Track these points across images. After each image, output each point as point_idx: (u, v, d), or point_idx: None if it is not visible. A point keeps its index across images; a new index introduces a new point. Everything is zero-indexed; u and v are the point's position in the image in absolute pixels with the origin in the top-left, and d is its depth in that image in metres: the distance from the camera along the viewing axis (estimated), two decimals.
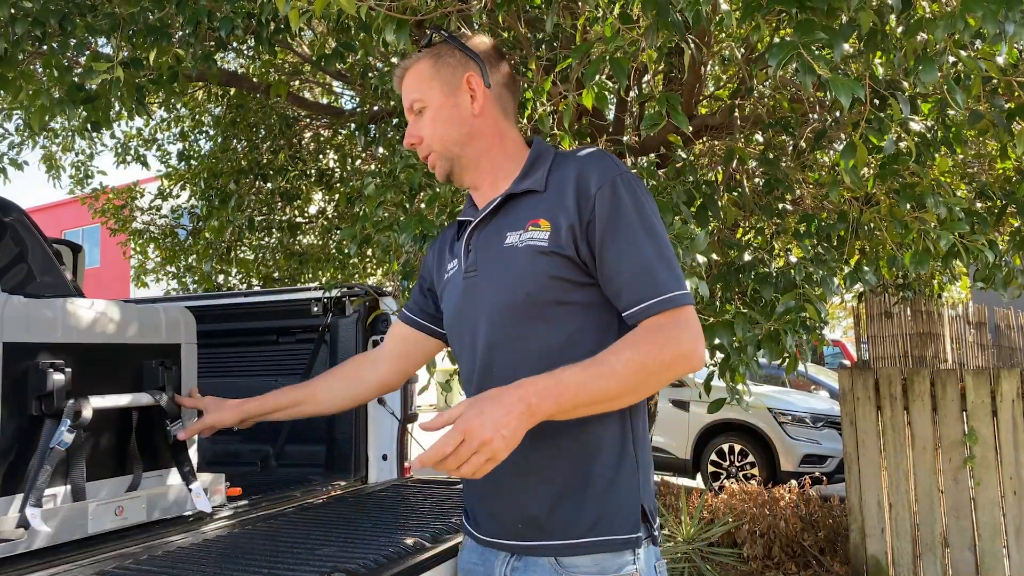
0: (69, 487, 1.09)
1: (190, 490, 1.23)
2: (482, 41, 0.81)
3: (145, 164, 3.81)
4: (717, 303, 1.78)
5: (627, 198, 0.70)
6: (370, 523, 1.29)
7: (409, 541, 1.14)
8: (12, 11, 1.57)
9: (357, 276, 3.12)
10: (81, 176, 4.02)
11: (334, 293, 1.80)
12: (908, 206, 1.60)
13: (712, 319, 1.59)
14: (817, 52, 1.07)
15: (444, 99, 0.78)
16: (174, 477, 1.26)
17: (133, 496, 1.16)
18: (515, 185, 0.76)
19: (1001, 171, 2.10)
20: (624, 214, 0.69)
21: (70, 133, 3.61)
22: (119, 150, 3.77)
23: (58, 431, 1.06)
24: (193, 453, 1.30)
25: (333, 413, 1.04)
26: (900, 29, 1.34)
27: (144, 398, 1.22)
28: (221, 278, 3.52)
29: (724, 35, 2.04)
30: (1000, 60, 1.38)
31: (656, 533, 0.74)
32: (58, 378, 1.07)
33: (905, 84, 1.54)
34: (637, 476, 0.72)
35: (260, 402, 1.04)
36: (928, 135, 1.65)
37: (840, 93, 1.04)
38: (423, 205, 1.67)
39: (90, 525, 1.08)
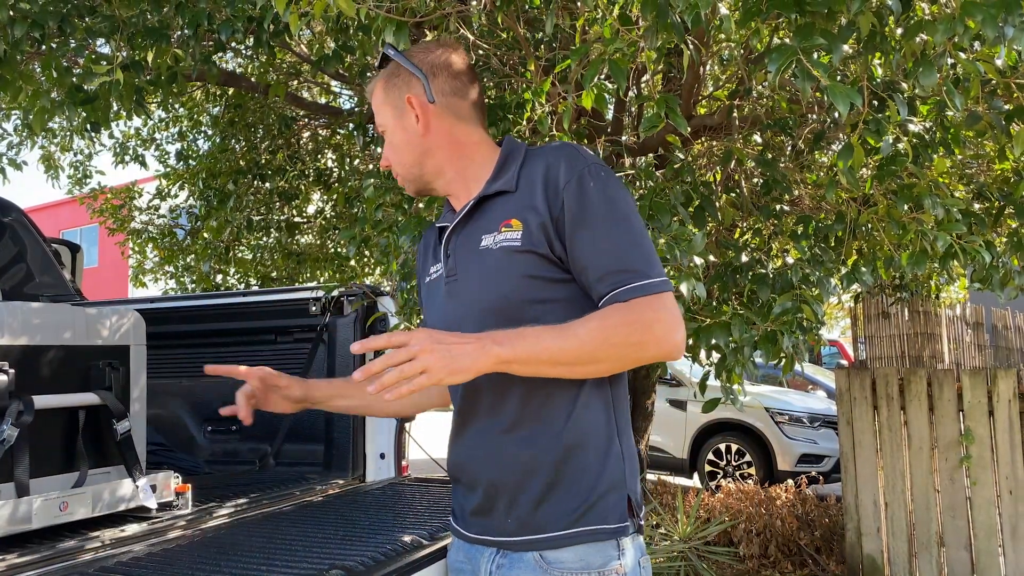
0: (13, 483, 1.11)
1: (136, 486, 1.25)
2: (429, 51, 0.79)
3: (143, 164, 3.81)
4: (714, 304, 1.78)
5: (595, 190, 0.69)
6: (368, 521, 1.30)
7: (406, 539, 1.15)
8: (11, 13, 1.57)
9: (355, 276, 3.12)
10: (80, 176, 4.02)
11: (334, 293, 1.81)
12: (905, 207, 1.61)
13: (709, 320, 1.60)
14: (816, 57, 1.07)
15: (395, 123, 0.79)
16: (121, 473, 1.28)
17: (78, 492, 1.18)
18: (487, 187, 0.76)
19: (999, 172, 2.11)
20: (592, 206, 0.69)
21: (68, 133, 3.61)
22: (117, 150, 3.77)
23: None
24: (141, 451, 1.32)
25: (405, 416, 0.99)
26: (899, 31, 1.35)
27: (90, 398, 1.25)
28: (219, 278, 3.52)
29: (723, 36, 2.04)
30: (999, 62, 1.39)
31: (641, 523, 0.74)
32: (0, 379, 1.10)
33: (904, 85, 1.54)
34: (623, 467, 0.72)
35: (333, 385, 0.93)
36: (926, 136, 1.65)
37: (838, 100, 1.05)
38: (421, 206, 1.68)
39: (34, 520, 1.10)
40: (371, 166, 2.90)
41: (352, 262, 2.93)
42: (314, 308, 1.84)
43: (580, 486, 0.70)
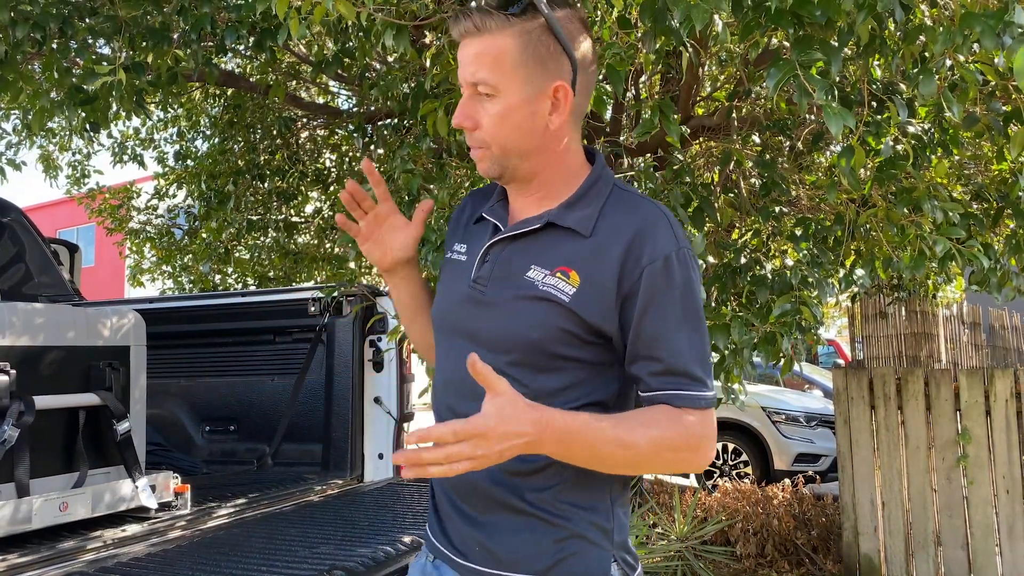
0: (13, 484, 1.12)
1: (136, 487, 1.26)
2: (580, 33, 0.65)
3: (142, 164, 3.81)
4: (713, 305, 1.79)
5: (679, 278, 0.62)
6: (367, 521, 1.30)
7: (406, 539, 1.16)
8: (12, 14, 1.57)
9: (354, 277, 3.12)
10: (78, 176, 4.01)
11: (333, 294, 1.81)
12: (904, 210, 1.62)
13: (709, 321, 1.61)
14: (815, 69, 1.07)
15: (522, 100, 0.63)
16: (121, 473, 1.29)
17: (78, 492, 1.18)
18: (560, 215, 0.66)
19: (997, 173, 2.12)
20: (672, 294, 0.62)
21: (67, 133, 3.61)
22: (116, 150, 3.77)
23: (0, 429, 1.08)
24: (140, 451, 1.33)
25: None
26: (899, 35, 1.36)
27: (90, 398, 1.25)
28: (218, 278, 3.52)
29: (722, 41, 2.04)
30: (998, 61, 1.39)
31: (639, 569, 0.67)
32: (1, 379, 1.11)
33: (903, 86, 1.55)
34: (612, 533, 0.65)
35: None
36: (924, 138, 1.66)
37: (831, 122, 1.05)
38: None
39: (34, 520, 1.10)
40: None
41: (352, 263, 2.92)
42: (313, 309, 1.85)
43: (560, 538, 0.63)
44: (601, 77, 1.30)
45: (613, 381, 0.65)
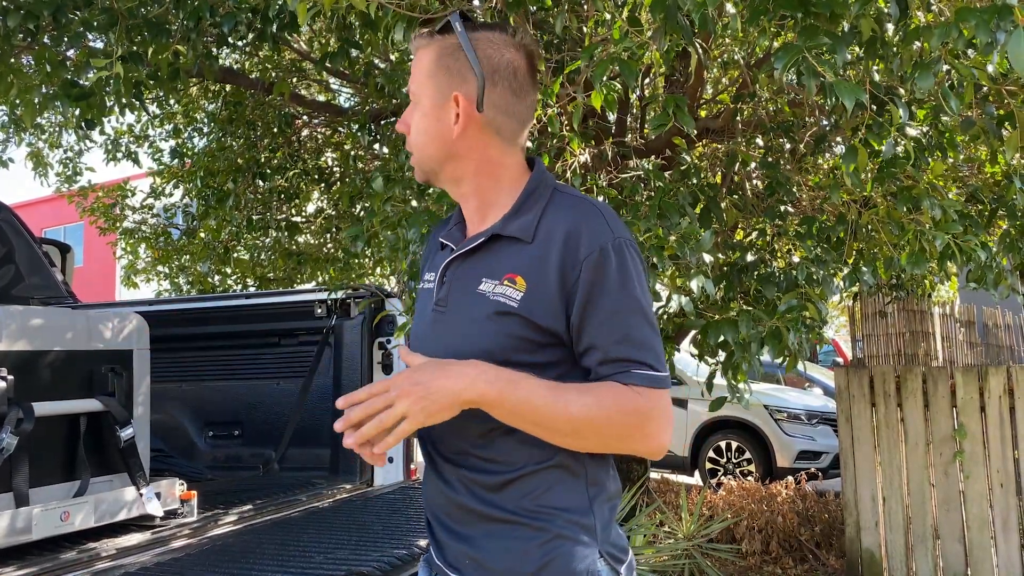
0: (11, 493, 1.08)
1: (141, 494, 1.23)
2: (500, 48, 0.69)
3: (136, 161, 3.73)
4: (719, 301, 1.80)
5: (614, 266, 0.64)
6: (380, 526, 1.28)
7: (421, 543, 1.14)
8: (4, 3, 1.52)
9: (355, 276, 3.09)
10: (69, 173, 3.92)
11: (339, 295, 1.79)
12: (904, 208, 1.64)
13: (717, 316, 1.61)
14: (821, 56, 1.09)
15: (430, 107, 0.69)
16: (124, 481, 1.26)
17: (79, 501, 1.15)
18: (503, 225, 0.68)
19: (990, 175, 2.16)
20: (609, 285, 0.64)
21: (57, 129, 3.52)
22: (109, 147, 3.68)
23: None
24: (144, 457, 1.29)
25: None
26: (897, 37, 1.38)
27: (92, 404, 1.22)
28: (217, 278, 3.46)
29: (727, 39, 2.06)
30: (991, 69, 1.42)
31: (622, 571, 0.67)
32: None
33: (902, 90, 1.57)
34: (595, 529, 0.66)
35: None
36: (923, 140, 1.69)
37: (844, 96, 1.07)
38: (430, 196, 1.66)
39: (34, 530, 1.07)
40: (374, 164, 2.87)
41: (363, 259, 2.89)
42: (319, 310, 1.82)
43: (541, 543, 0.64)
44: (613, 75, 1.29)
45: (574, 381, 0.67)
